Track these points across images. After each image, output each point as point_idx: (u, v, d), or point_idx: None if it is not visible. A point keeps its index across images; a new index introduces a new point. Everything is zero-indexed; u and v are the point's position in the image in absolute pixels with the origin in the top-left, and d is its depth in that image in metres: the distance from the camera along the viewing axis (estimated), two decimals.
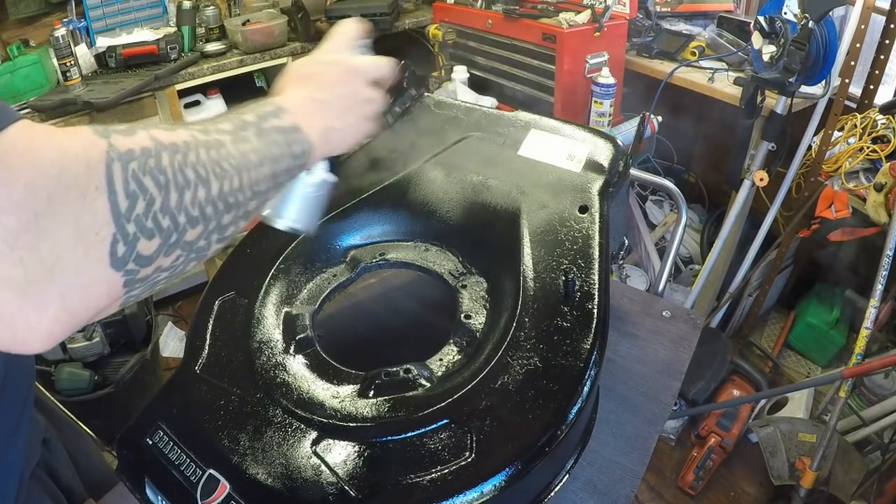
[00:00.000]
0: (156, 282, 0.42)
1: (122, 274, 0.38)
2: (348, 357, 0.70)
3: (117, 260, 0.37)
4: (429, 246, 0.85)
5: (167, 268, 0.42)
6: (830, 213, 1.79)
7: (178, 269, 0.44)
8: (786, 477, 1.78)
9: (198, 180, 0.42)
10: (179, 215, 0.40)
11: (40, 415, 0.79)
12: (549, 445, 0.58)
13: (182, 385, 0.69)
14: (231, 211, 0.45)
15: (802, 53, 1.64)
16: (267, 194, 0.50)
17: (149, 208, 0.38)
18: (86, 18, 2.29)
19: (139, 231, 0.38)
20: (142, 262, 0.39)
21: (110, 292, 0.39)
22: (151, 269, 0.40)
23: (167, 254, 0.41)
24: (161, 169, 0.39)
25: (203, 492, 0.59)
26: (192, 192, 0.41)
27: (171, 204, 0.40)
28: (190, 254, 0.43)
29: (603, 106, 2.05)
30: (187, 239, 0.42)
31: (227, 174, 0.44)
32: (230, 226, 0.46)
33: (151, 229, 0.39)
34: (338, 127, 0.58)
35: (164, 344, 2.42)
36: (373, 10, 2.55)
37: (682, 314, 1.03)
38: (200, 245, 0.44)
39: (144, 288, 0.41)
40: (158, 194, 0.39)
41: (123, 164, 0.37)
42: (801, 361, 2.32)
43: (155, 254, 0.40)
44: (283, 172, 0.51)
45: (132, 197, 0.37)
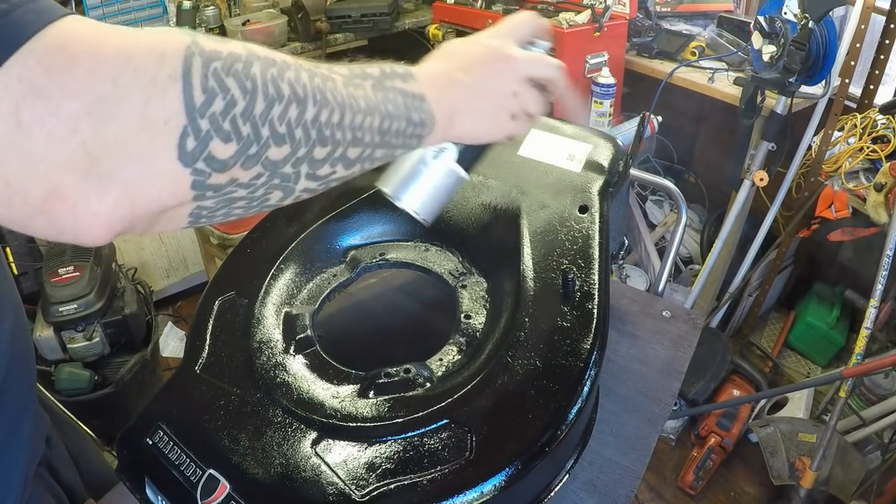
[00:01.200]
0: (232, 199, 0.40)
1: (191, 172, 0.36)
2: (348, 357, 0.70)
3: (186, 154, 0.36)
4: (429, 246, 0.85)
5: (245, 184, 0.39)
6: (830, 213, 1.79)
7: (261, 194, 0.41)
8: (786, 477, 1.78)
9: (293, 97, 0.39)
10: (263, 127, 0.38)
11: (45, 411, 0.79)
12: (549, 445, 0.58)
13: (182, 385, 0.69)
14: (327, 145, 0.42)
15: (802, 53, 1.64)
16: (373, 150, 0.46)
17: (228, 109, 0.36)
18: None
19: (213, 130, 0.36)
20: (214, 164, 0.37)
21: (176, 189, 0.37)
22: (226, 178, 0.38)
23: (245, 166, 0.38)
24: (249, 75, 0.37)
25: (203, 492, 0.59)
26: (282, 107, 0.39)
27: (255, 112, 0.37)
28: (273, 177, 0.40)
29: (603, 106, 2.05)
30: (270, 156, 0.39)
31: (329, 104, 0.41)
32: (324, 163, 0.43)
33: (228, 132, 0.37)
34: (468, 111, 0.53)
35: (164, 344, 2.42)
36: (373, 10, 2.55)
37: (682, 314, 1.03)
38: (286, 172, 0.41)
39: (218, 201, 0.39)
40: (242, 98, 0.37)
41: (205, 60, 0.36)
42: (801, 361, 2.32)
43: (231, 160, 0.37)
44: (395, 134, 0.48)
45: (210, 93, 0.36)
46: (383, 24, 2.58)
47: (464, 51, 0.55)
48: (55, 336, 1.78)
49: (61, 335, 1.79)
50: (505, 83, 0.55)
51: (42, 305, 1.80)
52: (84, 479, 0.84)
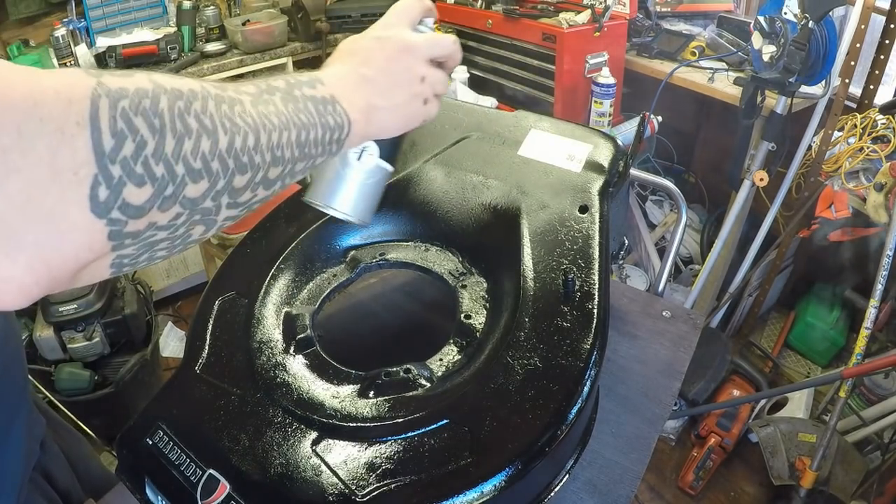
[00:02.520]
0: (153, 242, 0.38)
1: (106, 223, 0.34)
2: (348, 357, 0.70)
3: (99, 205, 0.34)
4: (429, 246, 0.85)
5: (165, 226, 0.38)
6: (830, 213, 1.79)
7: (182, 232, 0.39)
8: (786, 477, 1.78)
9: (201, 130, 0.38)
10: (177, 164, 0.36)
11: (41, 415, 0.79)
12: (549, 445, 0.58)
13: (182, 385, 0.69)
14: (245, 172, 0.41)
15: (802, 53, 1.64)
16: (294, 165, 0.45)
17: (139, 151, 0.34)
18: (86, 18, 2.29)
19: (126, 175, 0.34)
20: (130, 211, 0.35)
21: (92, 243, 0.35)
22: (144, 224, 0.36)
23: (163, 208, 0.36)
24: (157, 112, 0.36)
25: (203, 492, 0.59)
26: (193, 142, 0.37)
27: (167, 151, 0.36)
28: (193, 213, 0.39)
29: (603, 106, 2.05)
30: (188, 194, 0.38)
31: (240, 130, 0.40)
32: (244, 190, 0.41)
33: (141, 175, 0.35)
34: (383, 105, 0.53)
35: (164, 344, 2.42)
36: (373, 10, 2.55)
37: (682, 314, 1.03)
38: (207, 206, 0.39)
39: (139, 247, 0.37)
40: (151, 138, 0.35)
41: (112, 100, 0.34)
42: (801, 361, 2.32)
43: (146, 205, 0.36)
44: (314, 143, 0.47)
45: (119, 136, 0.34)
46: None
47: (363, 47, 0.55)
48: (55, 336, 1.78)
49: (61, 335, 1.79)
50: (411, 70, 0.55)
51: (42, 305, 1.80)
52: (82, 482, 0.84)
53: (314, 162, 0.48)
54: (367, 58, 0.53)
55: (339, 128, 0.49)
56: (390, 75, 0.54)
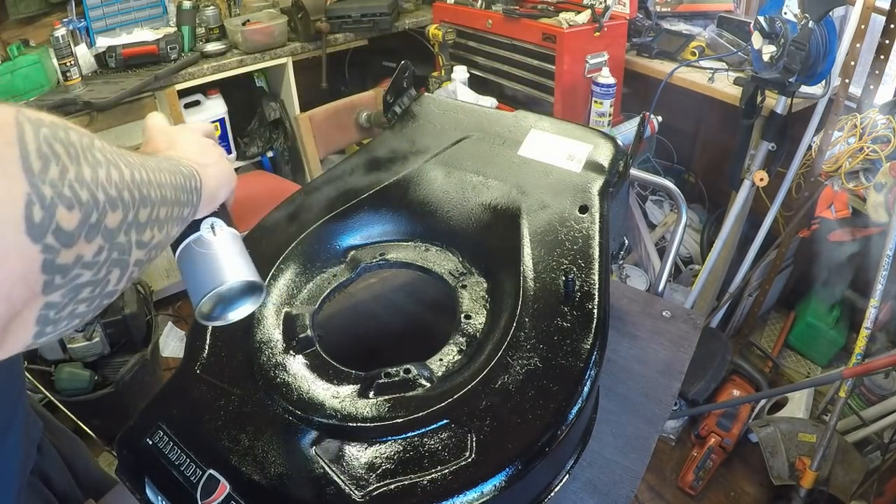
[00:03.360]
0: (78, 287, 0.38)
1: (41, 248, 0.34)
2: (348, 357, 0.70)
3: (34, 226, 0.33)
4: (429, 246, 0.85)
5: (90, 262, 0.38)
6: (830, 213, 1.79)
7: (102, 276, 0.40)
8: (786, 477, 1.78)
9: (108, 162, 0.39)
10: (97, 191, 0.37)
11: (38, 418, 0.79)
12: (549, 445, 0.58)
13: (182, 385, 0.69)
14: (146, 206, 0.43)
15: (802, 53, 1.64)
16: (173, 208, 0.48)
17: (63, 175, 0.35)
18: (86, 18, 2.29)
19: (56, 197, 0.34)
20: (62, 238, 0.35)
21: (26, 273, 0.34)
22: (73, 256, 0.36)
23: (88, 238, 0.37)
24: (71, 142, 0.37)
25: (203, 492, 0.59)
26: (105, 171, 0.38)
27: (86, 177, 0.37)
28: (112, 249, 0.39)
29: (603, 106, 2.05)
30: (108, 224, 0.38)
31: (134, 165, 0.42)
32: (146, 227, 0.43)
33: (70, 198, 0.35)
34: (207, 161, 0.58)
35: (164, 344, 2.42)
36: (373, 10, 2.55)
37: (682, 314, 1.03)
38: (121, 241, 0.40)
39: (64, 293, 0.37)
40: (71, 164, 0.36)
41: (35, 127, 0.35)
42: (801, 361, 2.32)
43: (76, 231, 0.36)
44: (183, 189, 0.50)
45: (45, 159, 0.34)
46: (383, 24, 2.59)
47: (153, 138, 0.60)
48: None
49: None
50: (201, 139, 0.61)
51: None
52: (80, 485, 0.84)
53: (184, 211, 0.51)
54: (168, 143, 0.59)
55: (193, 177, 0.53)
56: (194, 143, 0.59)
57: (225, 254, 0.57)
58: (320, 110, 2.25)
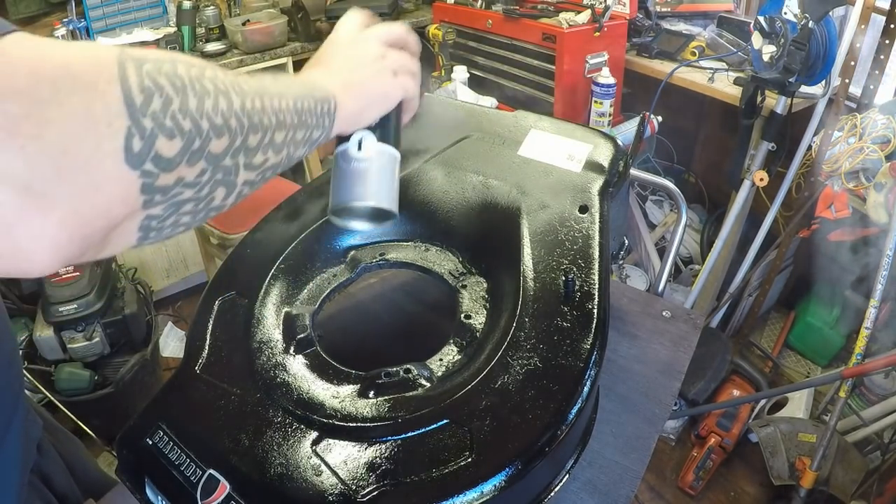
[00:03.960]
0: (179, 202, 0.39)
1: (140, 175, 0.35)
2: (348, 357, 0.70)
3: (133, 156, 0.34)
4: (429, 246, 0.85)
5: (191, 183, 0.39)
6: (830, 213, 1.79)
7: (206, 193, 0.41)
8: (786, 477, 1.78)
9: (217, 91, 0.40)
10: (202, 120, 0.38)
11: (37, 417, 0.79)
12: (549, 445, 0.58)
13: (182, 385, 0.69)
14: (257, 132, 0.43)
15: (802, 53, 1.64)
16: (294, 132, 0.48)
17: (166, 106, 0.36)
18: (86, 18, 2.29)
19: (157, 127, 0.35)
20: (162, 164, 0.36)
21: (125, 196, 0.35)
22: (173, 178, 0.37)
23: (190, 162, 0.38)
24: (177, 74, 0.38)
25: (203, 492, 0.59)
26: (212, 100, 0.39)
27: (191, 107, 0.38)
28: (216, 171, 0.40)
29: (603, 106, 2.05)
30: (212, 150, 0.39)
31: (248, 94, 0.43)
32: (257, 150, 0.44)
33: (171, 128, 0.36)
34: (356, 81, 0.57)
35: (164, 344, 2.42)
36: (373, 10, 2.54)
37: (682, 314, 1.03)
38: (227, 164, 0.41)
39: (167, 207, 0.38)
40: (176, 95, 0.37)
41: (137, 64, 0.36)
42: (801, 361, 2.32)
43: (177, 157, 0.37)
44: (309, 112, 0.50)
45: (147, 92, 0.35)
46: None
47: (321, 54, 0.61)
48: (55, 336, 1.78)
49: (61, 335, 1.79)
50: (369, 50, 0.60)
51: (42, 305, 1.80)
52: (80, 484, 0.84)
53: (312, 134, 0.51)
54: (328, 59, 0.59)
55: (325, 100, 0.53)
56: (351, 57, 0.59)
57: (361, 172, 0.57)
58: None
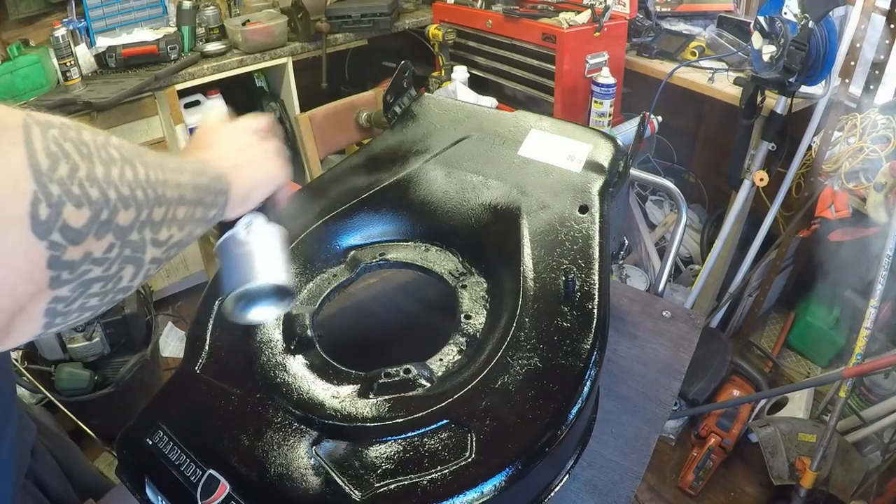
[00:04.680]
0: (88, 282, 0.37)
1: (47, 246, 0.33)
2: (348, 357, 0.70)
3: (40, 224, 0.32)
4: (429, 246, 0.85)
5: (100, 259, 0.37)
6: (830, 213, 1.79)
7: (114, 272, 0.39)
8: (786, 477, 1.78)
9: (123, 160, 0.39)
10: (109, 189, 0.37)
11: (31, 422, 0.78)
12: (549, 445, 0.58)
13: (182, 385, 0.69)
14: (162, 206, 0.42)
15: (802, 53, 1.64)
16: (195, 209, 0.47)
17: (73, 173, 0.34)
18: (86, 18, 2.29)
19: (64, 195, 0.34)
20: (70, 235, 0.34)
21: (32, 270, 0.33)
22: (81, 252, 0.35)
23: (98, 235, 0.36)
24: (83, 141, 0.36)
25: (203, 492, 0.59)
26: (119, 170, 0.38)
27: (98, 175, 0.36)
28: (124, 247, 0.39)
29: (603, 106, 2.05)
30: (119, 222, 0.38)
31: (151, 165, 0.42)
32: (162, 225, 0.42)
33: (79, 196, 0.34)
34: (244, 162, 0.57)
35: (164, 344, 2.42)
36: (373, 10, 2.55)
37: (682, 314, 1.03)
38: (135, 239, 0.40)
39: (73, 287, 0.36)
40: (83, 162, 0.35)
41: (43, 129, 0.34)
42: (801, 361, 2.32)
43: (85, 229, 0.35)
44: (206, 190, 0.49)
45: (54, 157, 0.34)
46: (383, 24, 2.58)
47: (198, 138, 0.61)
48: (55, 336, 1.78)
49: (61, 335, 1.79)
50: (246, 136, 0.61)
51: None
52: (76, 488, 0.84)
53: (209, 213, 0.50)
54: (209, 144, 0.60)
55: (220, 179, 0.53)
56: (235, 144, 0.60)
57: (257, 254, 0.57)
58: (320, 110, 2.25)
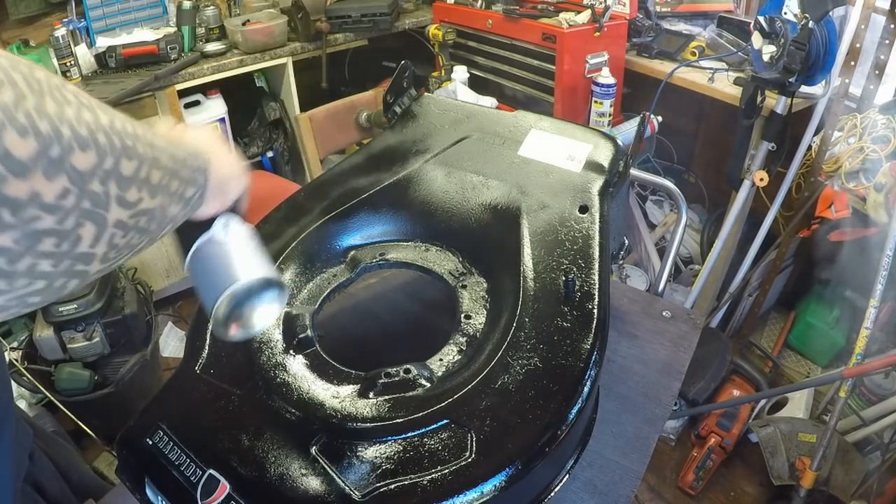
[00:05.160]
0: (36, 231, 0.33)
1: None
2: (348, 357, 0.70)
3: None
4: (429, 246, 0.85)
5: (51, 205, 0.33)
6: (830, 213, 1.79)
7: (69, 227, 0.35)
8: (786, 477, 1.78)
9: (80, 104, 0.35)
10: (62, 125, 0.33)
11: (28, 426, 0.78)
12: (549, 445, 0.58)
13: (182, 385, 0.69)
14: (132, 159, 0.38)
15: (802, 53, 1.64)
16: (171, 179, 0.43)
17: (19, 101, 0.32)
18: (86, 18, 2.29)
19: (7, 120, 0.31)
20: (11, 164, 0.31)
21: None
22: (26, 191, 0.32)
23: (49, 175, 0.33)
24: (34, 77, 0.33)
25: (203, 492, 0.59)
26: (74, 110, 0.35)
27: (49, 110, 0.33)
28: (82, 197, 0.35)
29: (603, 106, 2.05)
30: (76, 164, 0.34)
31: (117, 115, 0.38)
32: (132, 184, 0.38)
33: (24, 125, 0.31)
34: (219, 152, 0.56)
35: (164, 344, 2.42)
36: (373, 10, 2.55)
37: (682, 314, 1.03)
38: (96, 190, 0.36)
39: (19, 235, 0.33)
40: (31, 94, 0.32)
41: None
42: (801, 361, 2.32)
43: (31, 163, 0.32)
44: (183, 163, 0.46)
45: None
46: (383, 24, 2.58)
47: None
48: (55, 336, 1.78)
49: (61, 335, 1.79)
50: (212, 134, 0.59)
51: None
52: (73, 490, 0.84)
53: (186, 190, 0.47)
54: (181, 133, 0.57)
55: (199, 155, 0.50)
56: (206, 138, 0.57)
57: (240, 252, 0.56)
58: (320, 110, 2.25)
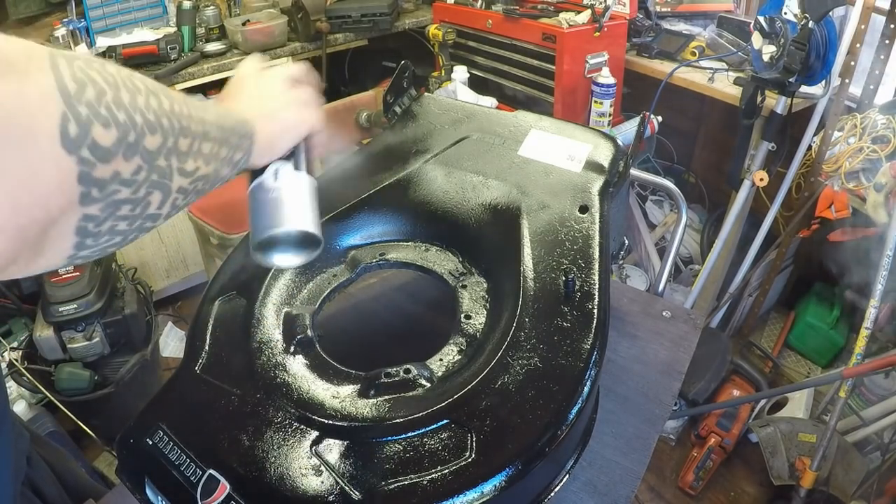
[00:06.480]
0: (116, 202, 0.38)
1: (77, 161, 0.34)
2: (348, 357, 0.70)
3: (70, 141, 0.34)
4: (429, 246, 0.85)
5: (128, 180, 0.38)
6: (830, 213, 1.79)
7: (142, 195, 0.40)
8: (786, 477, 1.78)
9: (148, 91, 0.40)
10: (135, 114, 0.38)
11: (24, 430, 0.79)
12: (549, 446, 0.58)
13: (182, 385, 0.69)
14: (187, 137, 0.43)
15: (802, 53, 1.64)
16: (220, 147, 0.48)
17: (100, 97, 0.36)
18: (86, 18, 2.29)
19: (92, 115, 0.35)
20: (98, 152, 0.36)
21: (62, 183, 0.34)
22: (110, 171, 0.37)
23: (126, 156, 0.38)
24: (108, 72, 0.38)
25: (203, 492, 0.59)
26: (144, 98, 0.39)
27: (125, 100, 0.38)
28: (151, 171, 0.40)
29: (603, 106, 2.05)
30: (147, 146, 0.39)
31: (175, 99, 0.43)
32: (188, 156, 0.44)
33: (106, 117, 0.36)
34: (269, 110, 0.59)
35: (164, 344, 2.42)
36: (373, 10, 2.55)
37: (682, 314, 1.03)
38: (162, 165, 0.41)
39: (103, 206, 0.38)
40: (108, 88, 0.37)
41: (68, 60, 0.36)
42: (801, 361, 2.32)
43: (114, 148, 0.37)
44: (231, 131, 0.51)
45: (80, 82, 0.35)
46: (383, 24, 2.59)
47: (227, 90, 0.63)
48: (55, 336, 1.78)
49: (61, 335, 1.79)
50: (276, 85, 0.62)
51: (42, 305, 1.80)
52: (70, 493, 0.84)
53: (234, 155, 0.52)
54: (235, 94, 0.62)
55: (243, 122, 0.54)
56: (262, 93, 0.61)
57: (285, 200, 0.57)
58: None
